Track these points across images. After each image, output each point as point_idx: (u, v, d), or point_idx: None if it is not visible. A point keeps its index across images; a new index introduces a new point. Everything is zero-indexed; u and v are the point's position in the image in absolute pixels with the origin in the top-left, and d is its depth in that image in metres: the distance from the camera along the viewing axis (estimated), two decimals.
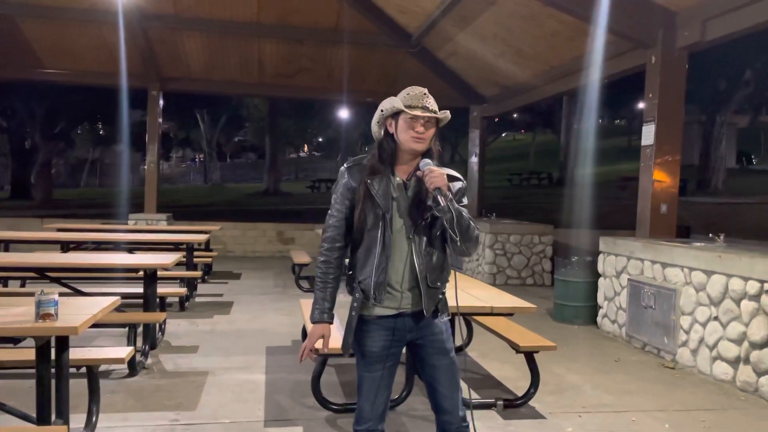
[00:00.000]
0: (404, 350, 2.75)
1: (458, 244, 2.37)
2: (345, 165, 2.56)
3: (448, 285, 2.55)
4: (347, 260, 2.60)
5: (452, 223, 2.34)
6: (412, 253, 2.44)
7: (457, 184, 2.52)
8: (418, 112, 2.39)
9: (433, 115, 2.42)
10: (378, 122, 2.49)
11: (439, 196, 2.33)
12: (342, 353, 2.63)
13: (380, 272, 2.43)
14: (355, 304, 2.51)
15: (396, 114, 2.43)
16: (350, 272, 2.55)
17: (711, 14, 6.29)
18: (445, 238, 2.47)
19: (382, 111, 2.46)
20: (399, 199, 2.46)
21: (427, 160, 2.43)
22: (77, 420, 3.60)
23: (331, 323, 2.56)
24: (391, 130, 2.46)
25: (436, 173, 2.35)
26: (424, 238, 2.45)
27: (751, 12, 5.84)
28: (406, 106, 2.39)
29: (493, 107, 12.66)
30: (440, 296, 2.52)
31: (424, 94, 2.44)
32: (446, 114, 2.45)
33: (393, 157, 2.47)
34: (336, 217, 2.53)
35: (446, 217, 2.34)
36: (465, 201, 2.54)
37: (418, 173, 2.42)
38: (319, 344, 2.56)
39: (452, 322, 2.71)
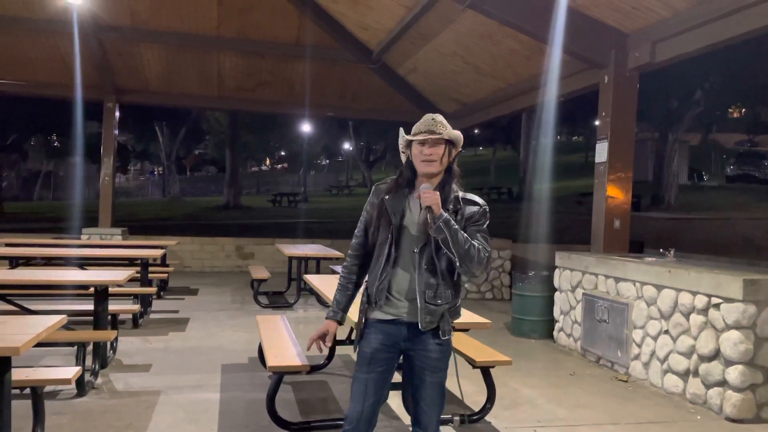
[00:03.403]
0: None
1: (457, 263, 2.54)
2: (376, 184, 2.81)
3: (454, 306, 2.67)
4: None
5: (447, 244, 2.51)
6: (414, 266, 2.60)
7: (473, 209, 2.66)
8: (420, 137, 2.61)
9: (434, 136, 2.61)
10: (402, 152, 2.74)
11: (428, 215, 2.51)
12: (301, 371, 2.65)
13: (383, 280, 2.62)
14: (361, 307, 2.72)
15: (411, 143, 2.67)
16: (368, 279, 2.78)
17: (660, 37, 6.51)
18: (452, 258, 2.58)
19: (399, 143, 2.72)
20: (413, 216, 2.64)
21: (426, 184, 2.60)
22: None
23: (340, 322, 2.78)
24: (411, 157, 2.69)
25: (428, 194, 2.52)
26: (429, 256, 2.59)
27: (698, 35, 6.08)
28: (413, 134, 2.64)
29: (453, 123, 12.75)
30: (442, 314, 2.60)
31: (432, 119, 2.67)
32: (453, 134, 2.65)
33: (411, 181, 2.69)
34: (359, 228, 2.80)
35: (440, 237, 2.51)
36: (482, 225, 2.66)
37: (417, 195, 2.60)
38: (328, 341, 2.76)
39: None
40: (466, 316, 4.31)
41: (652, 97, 19.86)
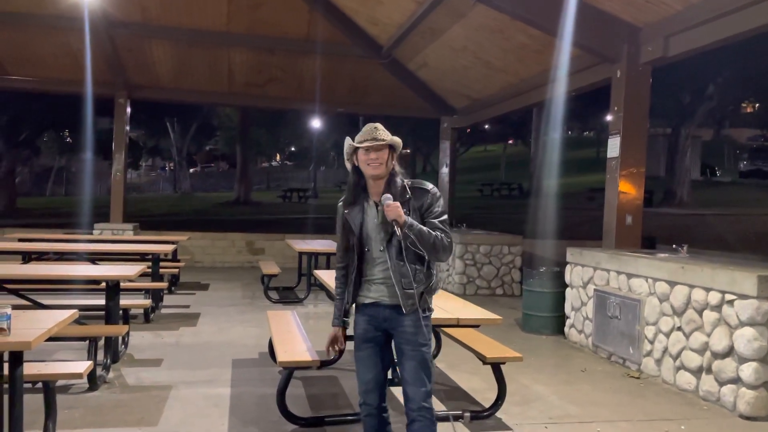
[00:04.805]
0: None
1: (425, 256, 2.91)
2: (341, 199, 3.10)
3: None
4: None
5: (415, 245, 2.84)
6: (387, 261, 2.91)
7: (423, 196, 2.95)
8: (366, 144, 2.87)
9: (380, 143, 2.86)
10: (347, 160, 2.99)
11: (396, 227, 2.81)
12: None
13: (355, 276, 2.99)
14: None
15: (356, 150, 2.92)
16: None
17: (673, 30, 6.43)
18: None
19: (345, 152, 2.97)
20: (372, 219, 2.95)
21: (387, 195, 2.86)
22: None
23: (341, 326, 3.12)
24: (357, 164, 2.95)
25: (391, 207, 2.80)
26: (396, 249, 2.89)
27: (711, 29, 6.00)
28: (358, 143, 2.90)
29: (464, 119, 12.75)
30: (421, 295, 2.91)
31: (374, 127, 2.92)
32: (394, 139, 2.91)
33: (360, 186, 2.99)
34: (339, 242, 3.11)
35: (408, 241, 2.83)
36: (438, 209, 2.96)
37: (380, 207, 2.87)
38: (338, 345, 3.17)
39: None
40: (477, 312, 4.30)
41: (665, 91, 19.69)
